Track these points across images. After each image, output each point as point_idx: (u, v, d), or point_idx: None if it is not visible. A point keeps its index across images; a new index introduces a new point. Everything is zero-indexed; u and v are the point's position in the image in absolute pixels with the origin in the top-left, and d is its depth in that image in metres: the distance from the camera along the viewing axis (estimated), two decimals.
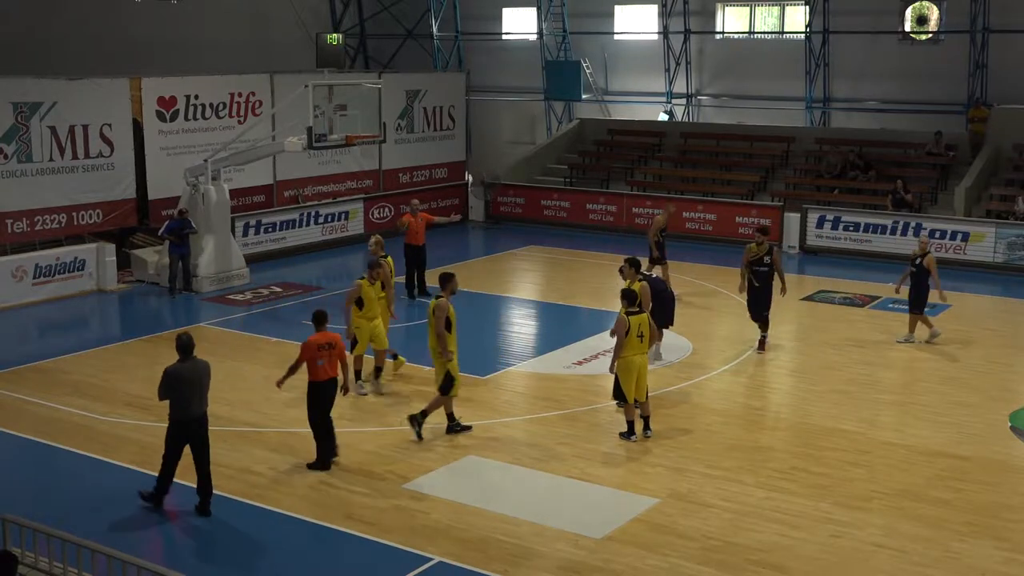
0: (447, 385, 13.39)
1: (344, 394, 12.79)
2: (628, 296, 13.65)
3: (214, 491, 11.51)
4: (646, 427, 13.56)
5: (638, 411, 13.54)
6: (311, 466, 12.51)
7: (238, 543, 10.99)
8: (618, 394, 13.53)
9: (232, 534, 11.19)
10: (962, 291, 21.85)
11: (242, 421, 13.68)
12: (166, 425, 11.53)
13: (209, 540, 11.16)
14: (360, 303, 15.00)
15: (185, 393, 11.22)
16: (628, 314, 13.30)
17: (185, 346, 11.32)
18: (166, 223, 21.55)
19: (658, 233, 20.62)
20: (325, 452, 12.56)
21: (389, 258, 16.54)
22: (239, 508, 11.62)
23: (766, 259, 17.30)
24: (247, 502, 11.72)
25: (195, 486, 11.52)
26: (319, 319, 12.70)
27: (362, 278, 15.12)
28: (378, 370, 15.48)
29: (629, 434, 13.44)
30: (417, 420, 13.41)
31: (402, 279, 20.32)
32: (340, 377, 12.60)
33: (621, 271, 14.68)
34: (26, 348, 18.28)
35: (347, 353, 14.19)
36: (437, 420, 13.83)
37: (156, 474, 12.28)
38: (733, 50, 31.86)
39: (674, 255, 25.25)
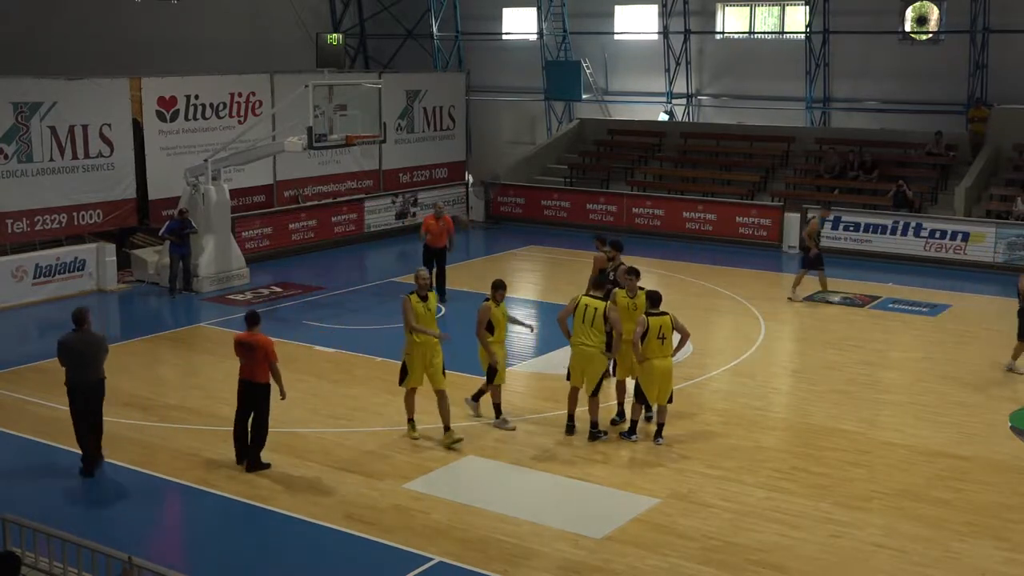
0: (598, 386, 13.42)
1: (282, 398, 12.49)
2: (651, 297, 13.39)
3: (101, 458, 12.42)
4: (658, 434, 13.46)
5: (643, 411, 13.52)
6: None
7: (238, 544, 10.99)
8: (640, 397, 13.41)
9: (232, 535, 11.19)
10: (962, 291, 21.87)
11: None
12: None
13: (208, 540, 11.15)
14: (491, 327, 13.79)
15: (75, 361, 12.13)
16: (649, 315, 13.15)
17: (75, 317, 12.23)
18: (166, 223, 21.55)
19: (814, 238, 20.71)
20: (239, 452, 12.60)
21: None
22: (239, 508, 11.63)
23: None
24: (247, 502, 11.72)
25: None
26: (247, 319, 12.69)
27: (487, 300, 13.94)
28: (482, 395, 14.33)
29: (630, 433, 13.42)
30: (597, 433, 13.42)
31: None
32: (276, 385, 12.40)
33: (629, 277, 14.13)
34: (26, 348, 18.27)
35: (489, 383, 13.86)
36: (438, 421, 13.86)
37: (157, 474, 12.39)
38: (733, 50, 31.85)
39: (673, 255, 25.35)
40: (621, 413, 14.05)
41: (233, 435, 12.67)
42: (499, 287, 14.00)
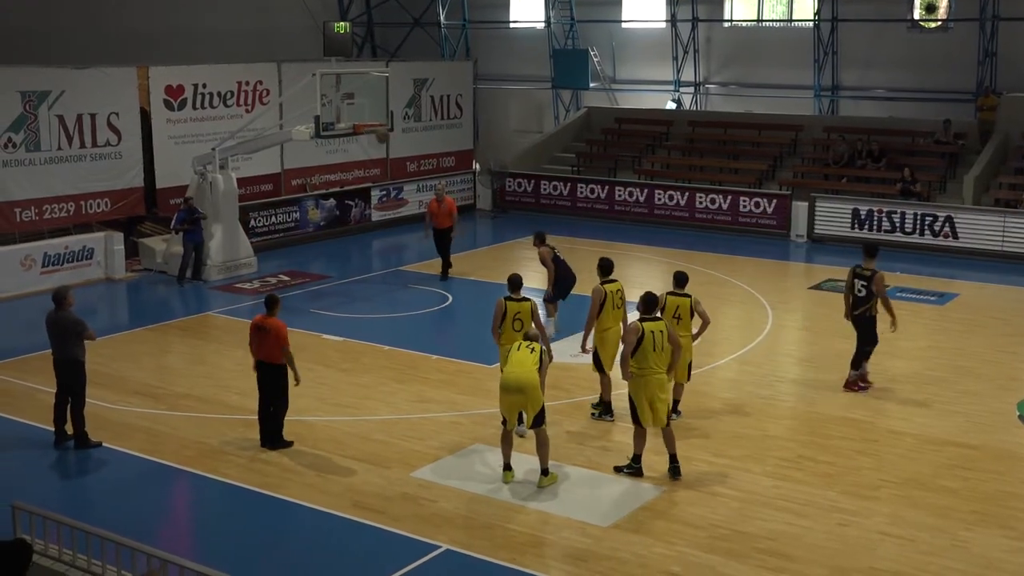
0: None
1: (296, 383, 12.75)
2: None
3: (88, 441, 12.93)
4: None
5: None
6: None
7: (247, 531, 11.03)
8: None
9: (241, 523, 11.23)
10: (970, 280, 21.81)
11: (250, 410, 13.68)
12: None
13: (217, 528, 11.21)
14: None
15: (50, 338, 13.05)
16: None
17: (53, 297, 13.00)
18: (176, 215, 21.51)
19: None
20: (262, 434, 12.90)
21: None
22: (248, 496, 11.67)
23: None
24: (256, 490, 11.76)
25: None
26: (265, 302, 13.03)
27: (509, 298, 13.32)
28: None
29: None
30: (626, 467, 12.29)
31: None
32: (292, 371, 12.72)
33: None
34: (35, 337, 18.21)
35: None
36: (441, 409, 13.86)
37: (165, 462, 12.46)
38: (741, 38, 31.77)
39: (682, 243, 25.32)
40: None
41: (258, 418, 12.94)
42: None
